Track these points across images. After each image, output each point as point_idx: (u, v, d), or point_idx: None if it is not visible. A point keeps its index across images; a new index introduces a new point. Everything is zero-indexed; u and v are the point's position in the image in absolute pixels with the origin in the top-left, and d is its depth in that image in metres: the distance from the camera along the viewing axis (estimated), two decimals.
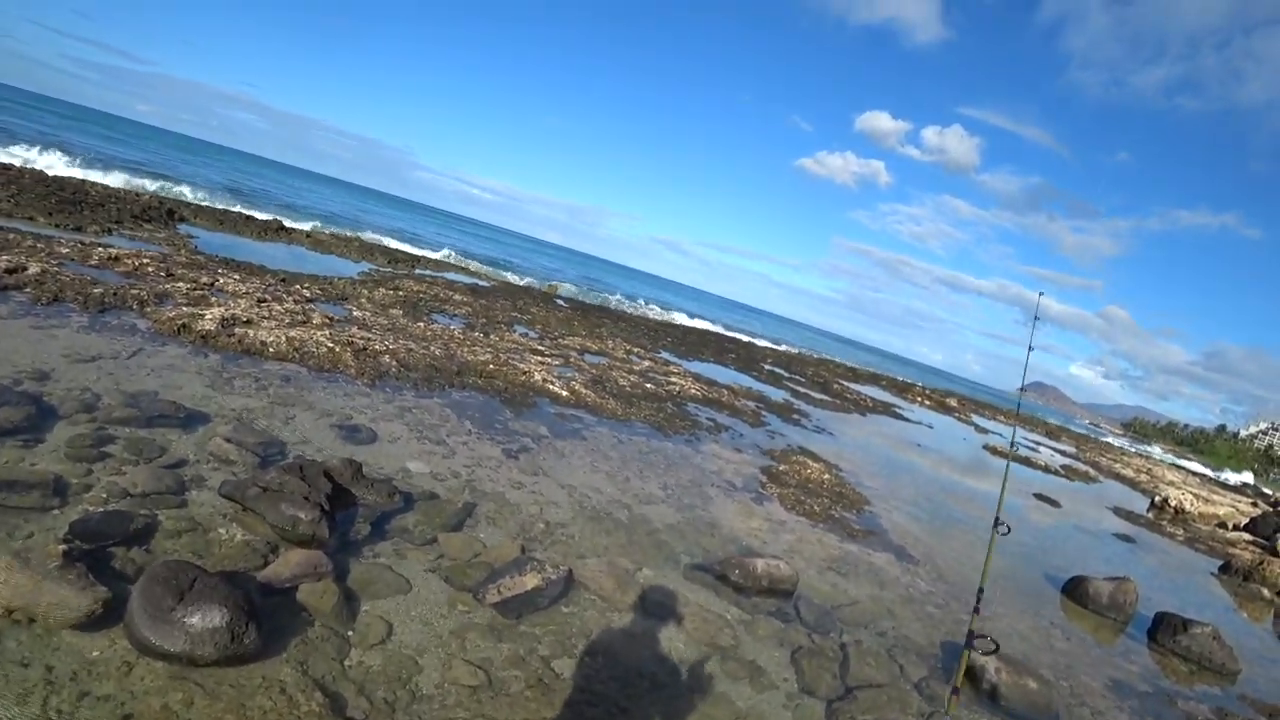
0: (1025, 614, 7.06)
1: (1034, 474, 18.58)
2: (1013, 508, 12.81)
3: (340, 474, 4.83)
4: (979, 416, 32.50)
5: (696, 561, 5.68)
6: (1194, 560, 13.30)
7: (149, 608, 2.99)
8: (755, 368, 22.12)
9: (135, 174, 24.54)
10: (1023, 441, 26.71)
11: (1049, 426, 43.29)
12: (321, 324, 9.15)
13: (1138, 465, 32.53)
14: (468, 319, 13.76)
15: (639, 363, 14.86)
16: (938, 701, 4.69)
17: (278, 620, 3.39)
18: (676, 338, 24.09)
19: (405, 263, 21.57)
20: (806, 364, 31.01)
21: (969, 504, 11.63)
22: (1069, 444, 33.88)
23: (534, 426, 7.92)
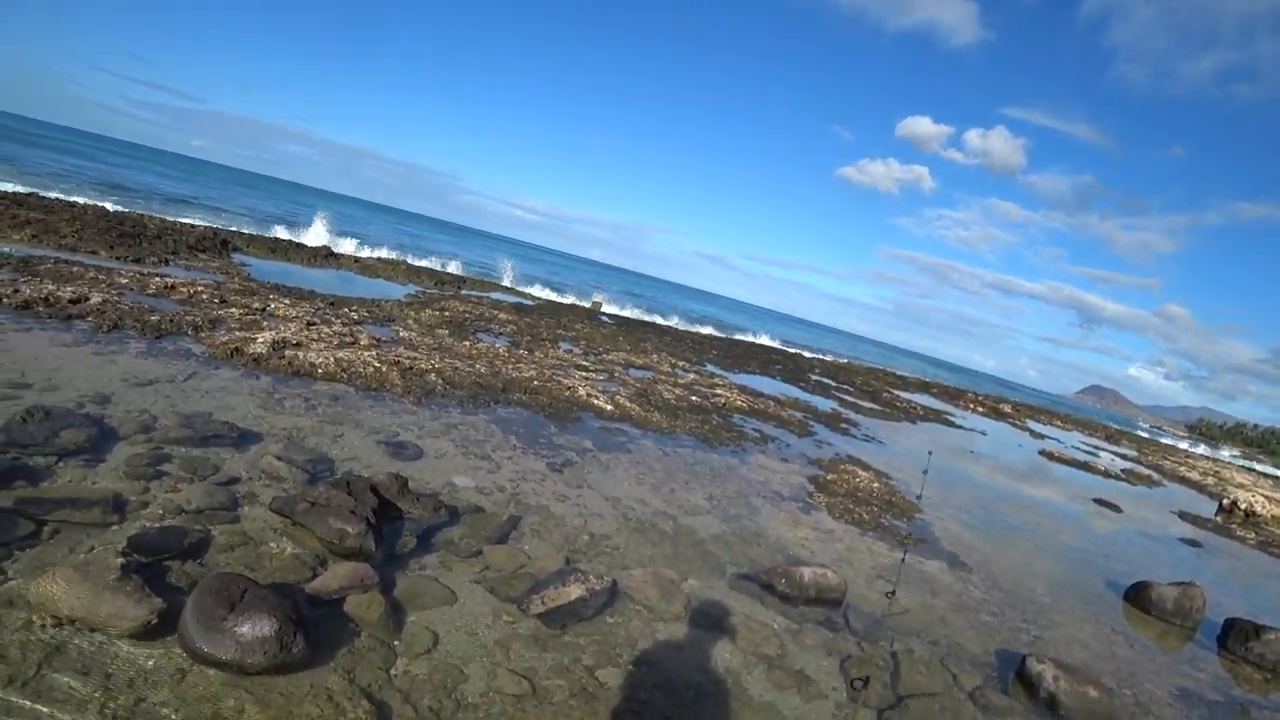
0: (1086, 621, 6.86)
1: (1093, 479, 18.06)
2: (1070, 513, 12.50)
3: (387, 489, 4.91)
4: (1034, 422, 31.75)
5: (742, 571, 5.64)
6: (1268, 564, 12.77)
7: (201, 617, 3.07)
8: (803, 378, 21.93)
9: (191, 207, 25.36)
10: (1081, 446, 26.02)
11: (1109, 430, 42.07)
12: (369, 345, 9.34)
13: (1204, 468, 31.41)
14: (512, 337, 13.91)
15: (684, 376, 14.85)
16: (992, 711, 4.58)
17: (325, 630, 3.45)
18: (722, 350, 24.02)
19: (451, 284, 21.90)
20: (855, 373, 30.66)
21: (1024, 510, 11.35)
22: (1130, 447, 32.89)
23: (578, 440, 7.96)
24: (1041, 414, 39.25)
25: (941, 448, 16.44)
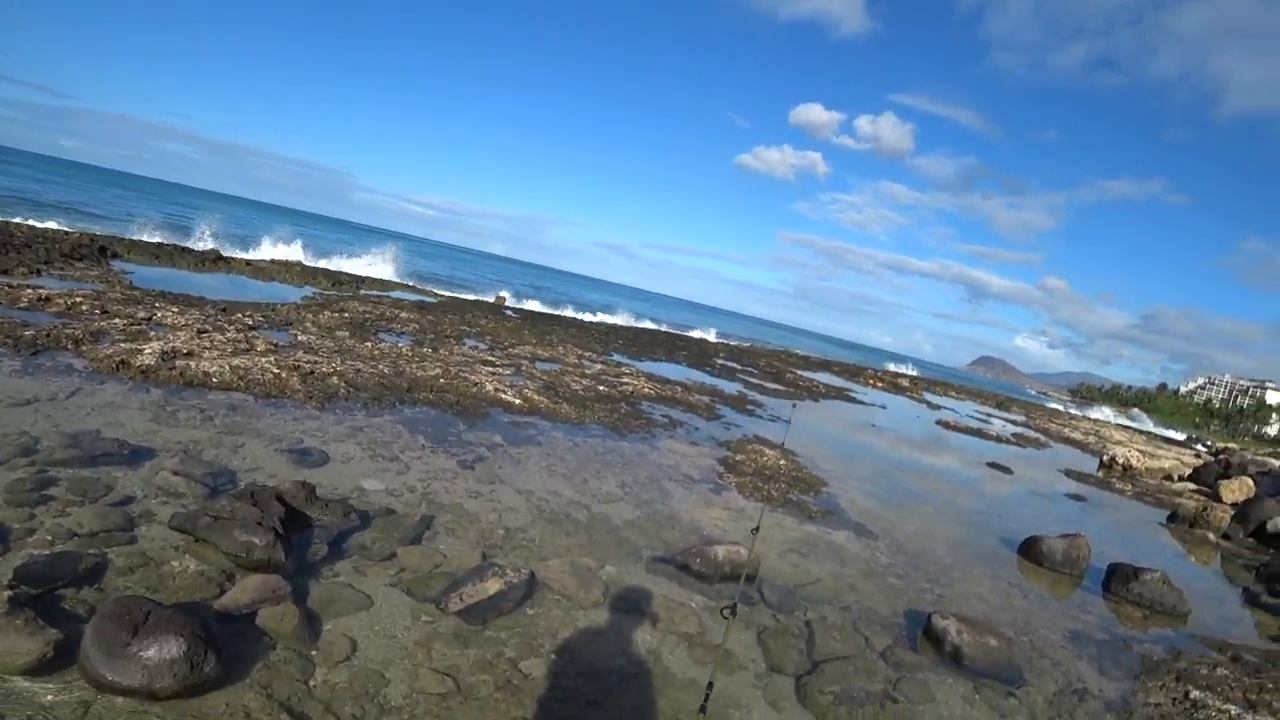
0: (984, 577, 7.26)
1: (986, 444, 19.03)
2: (966, 478, 13.14)
3: (293, 497, 4.79)
4: (930, 394, 33.13)
5: (658, 554, 5.75)
6: (1143, 513, 13.77)
7: (103, 645, 2.96)
8: (708, 363, 22.28)
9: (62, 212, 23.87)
10: (974, 414, 27.31)
11: (999, 398, 44.27)
12: (266, 351, 9.03)
13: (1086, 428, 33.46)
14: (415, 335, 13.66)
15: (591, 366, 14.90)
16: (903, 668, 4.82)
17: (238, 647, 3.36)
18: (628, 339, 24.16)
19: (350, 284, 21.31)
20: (759, 356, 31.33)
21: (924, 478, 11.88)
22: (1019, 413, 34.71)
23: (488, 436, 7.91)
24: (937, 386, 40.99)
25: (845, 422, 17.01)
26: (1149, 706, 5.07)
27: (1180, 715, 4.98)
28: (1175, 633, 6.87)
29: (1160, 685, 5.44)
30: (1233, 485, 16.12)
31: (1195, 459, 25.07)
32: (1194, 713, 5.02)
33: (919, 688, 4.61)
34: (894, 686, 4.56)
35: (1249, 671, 6.04)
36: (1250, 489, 15.98)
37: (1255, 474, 18.95)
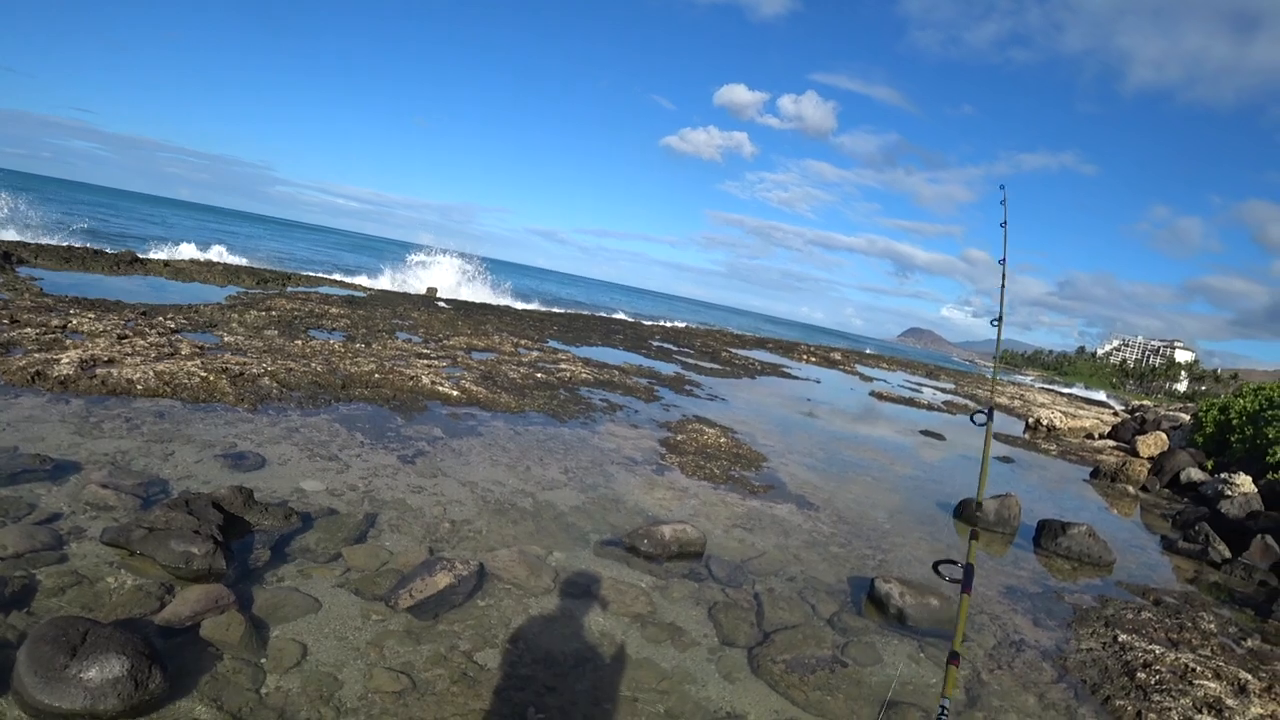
0: (922, 540, 7.51)
1: (919, 413, 19.56)
2: (901, 446, 13.50)
3: (231, 503, 4.68)
4: (862, 365, 33.87)
5: (605, 537, 5.79)
6: (1067, 470, 14.39)
7: (39, 670, 2.86)
8: (644, 346, 22.36)
9: None
10: (906, 384, 28.02)
11: (929, 368, 45.48)
12: (191, 354, 8.75)
13: (1010, 393, 34.61)
14: (347, 331, 13.39)
15: (527, 354, 14.83)
16: (850, 632, 4.97)
17: (184, 660, 3.28)
18: (563, 325, 24.08)
19: (275, 282, 20.73)
20: (694, 336, 31.54)
21: (861, 449, 12.17)
22: (948, 381, 35.72)
23: (427, 430, 7.83)
24: (868, 358, 41.91)
25: (781, 398, 17.28)
26: (1081, 652, 5.34)
27: (1110, 658, 5.26)
28: (1102, 581, 7.24)
29: (1091, 632, 5.73)
30: (1148, 440, 16.98)
31: (1113, 417, 26.23)
32: (1122, 654, 5.31)
33: (866, 650, 4.76)
34: (842, 651, 4.70)
35: (1170, 613, 6.42)
36: (1164, 443, 16.86)
37: (1168, 428, 20.02)
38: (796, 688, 4.15)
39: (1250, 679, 5.15)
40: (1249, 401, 16.45)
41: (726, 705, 3.87)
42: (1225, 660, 5.48)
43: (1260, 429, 14.64)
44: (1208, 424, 17.13)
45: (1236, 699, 4.84)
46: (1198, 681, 4.97)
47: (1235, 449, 15.13)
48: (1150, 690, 4.81)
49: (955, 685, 1.64)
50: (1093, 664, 5.17)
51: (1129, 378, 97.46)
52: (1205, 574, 8.14)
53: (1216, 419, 16.92)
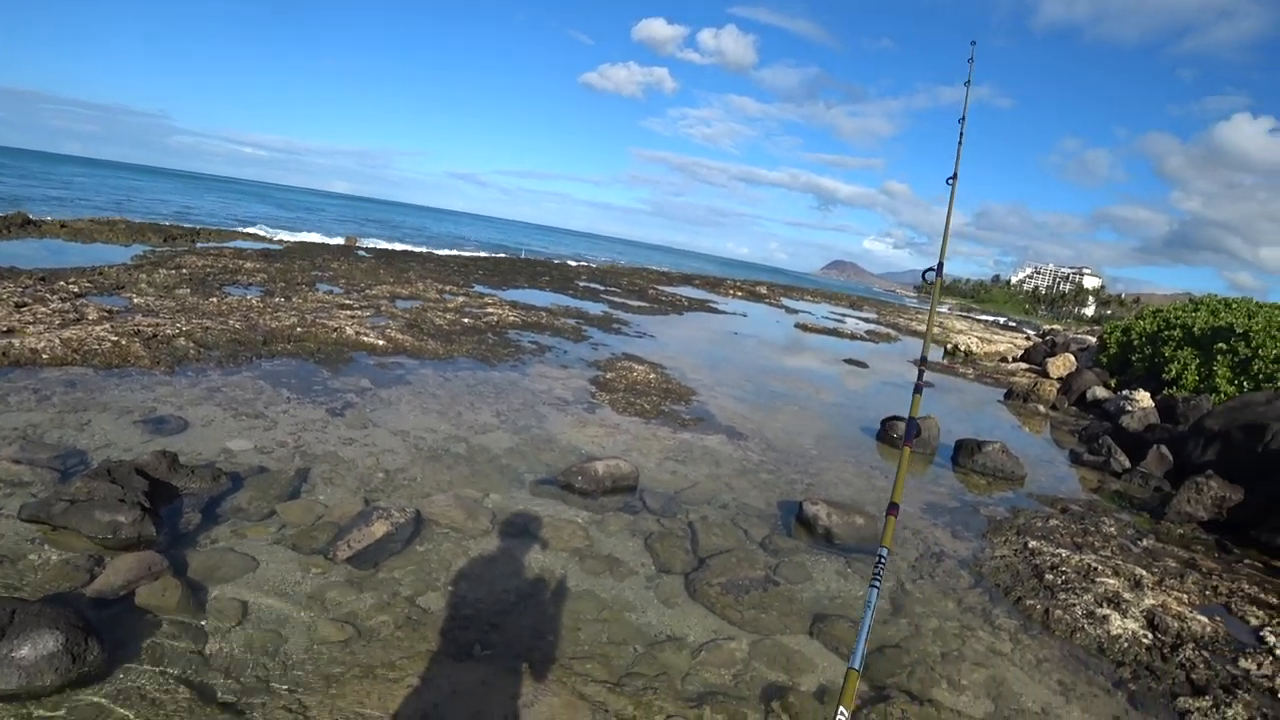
0: (848, 463, 7.82)
1: (842, 343, 20.07)
2: (826, 376, 13.88)
3: (155, 468, 4.59)
4: (788, 299, 34.42)
5: (540, 476, 5.88)
6: (984, 393, 15.05)
7: None
8: (570, 286, 22.28)
9: None
10: (830, 316, 28.63)
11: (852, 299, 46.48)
12: (99, 319, 8.39)
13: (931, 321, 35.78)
14: (265, 286, 13.00)
15: (453, 300, 14.66)
16: (781, 553, 5.19)
17: (121, 630, 3.25)
18: (488, 269, 23.78)
19: (184, 238, 19.85)
20: (620, 275, 31.53)
21: (788, 379, 12.49)
22: (871, 311, 36.61)
23: (355, 381, 7.74)
24: (793, 291, 42.55)
25: (709, 333, 17.51)
26: (996, 559, 5.70)
27: (1022, 563, 5.64)
28: (1015, 494, 7.69)
29: (1004, 540, 6.12)
30: (1057, 362, 17.88)
31: (1026, 341, 27.37)
32: (1032, 559, 5.70)
33: (797, 569, 4.99)
34: (775, 571, 4.92)
35: (1075, 520, 6.90)
36: (1072, 364, 17.77)
37: (1076, 350, 21.08)
38: (732, 608, 4.34)
39: (1145, 574, 5.63)
40: (1148, 323, 17.40)
41: (666, 629, 4.03)
42: (1123, 559, 5.95)
43: (1158, 349, 15.57)
44: (1111, 345, 18.10)
45: (1132, 592, 5.28)
46: (1099, 579, 5.40)
47: (1136, 368, 16.06)
48: (1057, 589, 5.20)
49: (893, 536, 1.77)
50: (1006, 569, 5.54)
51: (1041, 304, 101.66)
52: (1107, 483, 8.73)
53: (1119, 340, 17.89)
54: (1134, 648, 4.54)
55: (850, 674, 1.40)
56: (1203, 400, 11.66)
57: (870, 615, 1.54)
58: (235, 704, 2.95)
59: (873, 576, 1.68)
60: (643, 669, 3.62)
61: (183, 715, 2.83)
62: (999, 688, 3.97)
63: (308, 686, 3.10)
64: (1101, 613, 4.88)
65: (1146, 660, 4.44)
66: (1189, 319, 16.03)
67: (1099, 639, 4.61)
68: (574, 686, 3.37)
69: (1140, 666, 4.38)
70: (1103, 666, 4.36)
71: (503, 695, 3.24)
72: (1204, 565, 6.16)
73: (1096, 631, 4.67)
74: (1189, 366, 13.94)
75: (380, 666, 3.28)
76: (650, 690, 3.45)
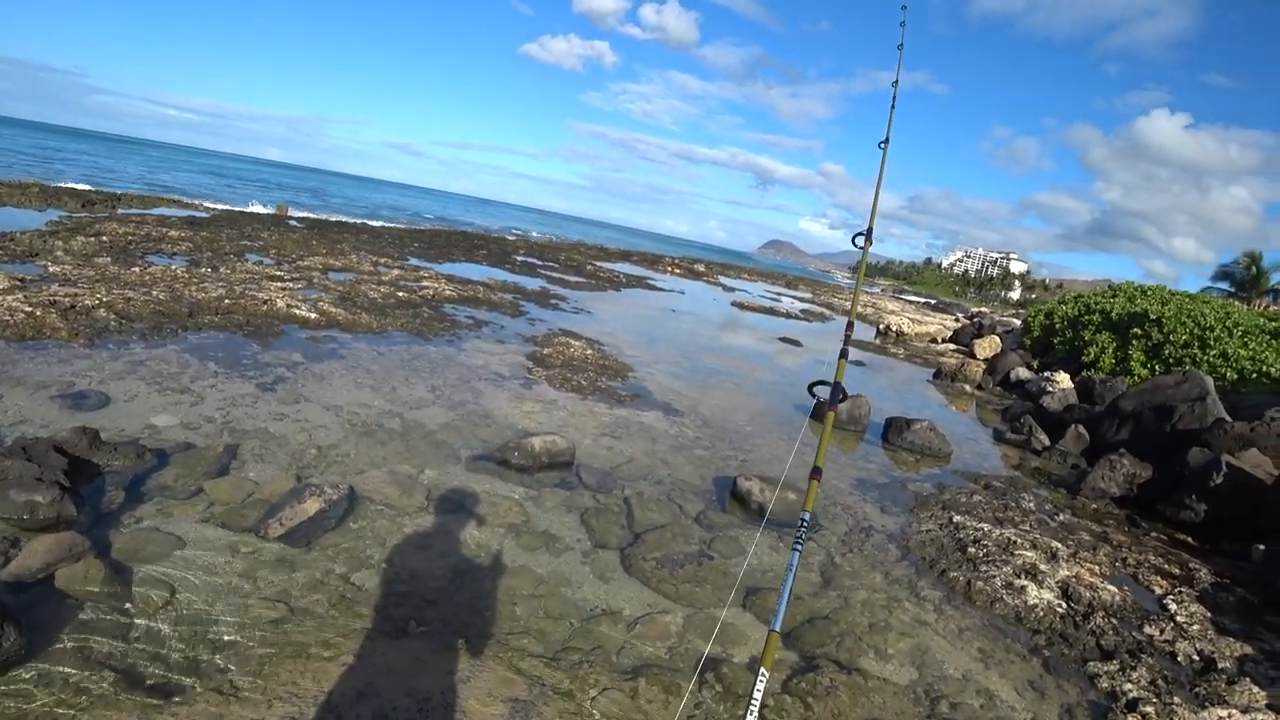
0: (781, 440, 7.98)
1: (778, 321, 20.36)
2: (761, 353, 14.08)
3: (74, 446, 4.44)
4: (725, 277, 34.70)
5: (476, 453, 5.87)
6: (914, 372, 15.48)
7: None
8: (508, 261, 22.08)
9: None
10: (766, 295, 28.97)
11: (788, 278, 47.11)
12: (10, 288, 8.01)
13: (864, 301, 36.43)
14: (190, 255, 12.57)
15: (388, 273, 14.40)
16: (716, 528, 5.30)
17: (40, 614, 3.15)
18: (424, 242, 23.39)
19: (104, 204, 19.01)
20: (559, 250, 31.35)
21: (724, 357, 12.64)
22: (806, 291, 37.17)
23: (286, 355, 7.57)
24: (731, 270, 42.90)
25: (646, 310, 17.57)
26: (922, 533, 5.92)
27: (946, 537, 5.87)
28: (941, 471, 7.96)
29: (930, 515, 6.35)
30: (984, 343, 18.51)
31: (955, 323, 28.17)
32: (956, 533, 5.94)
33: (730, 544, 5.11)
34: (709, 546, 5.02)
35: (997, 495, 7.20)
36: (998, 345, 18.42)
37: (1002, 333, 21.85)
38: (667, 582, 4.43)
39: (1060, 547, 5.93)
40: (1070, 308, 18.12)
41: (602, 603, 4.09)
42: (1041, 533, 6.25)
43: (1078, 332, 16.26)
44: (1035, 328, 18.81)
45: (1049, 564, 5.56)
46: (1018, 552, 5.66)
47: (1058, 350, 16.73)
48: (979, 562, 5.44)
49: (815, 499, 1.83)
50: (931, 543, 5.75)
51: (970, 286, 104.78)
52: (1028, 460, 9.11)
53: (1043, 323, 18.60)
54: (1049, 616, 4.79)
55: (771, 636, 1.45)
56: (1118, 382, 12.21)
57: (791, 578, 1.58)
58: (164, 686, 2.90)
59: (795, 540, 1.74)
60: (579, 643, 3.67)
61: (108, 700, 2.77)
62: (923, 656, 4.14)
63: (240, 667, 3.06)
64: (1020, 584, 5.13)
65: (1060, 628, 4.69)
66: (1108, 304, 16.74)
67: (1017, 609, 4.85)
68: (510, 661, 3.41)
69: (1055, 634, 4.63)
70: (1020, 635, 4.59)
71: (439, 671, 3.26)
72: (1115, 538, 6.50)
73: (1015, 601, 4.91)
74: (1107, 350, 14.57)
75: (314, 645, 3.26)
76: (586, 664, 3.51)
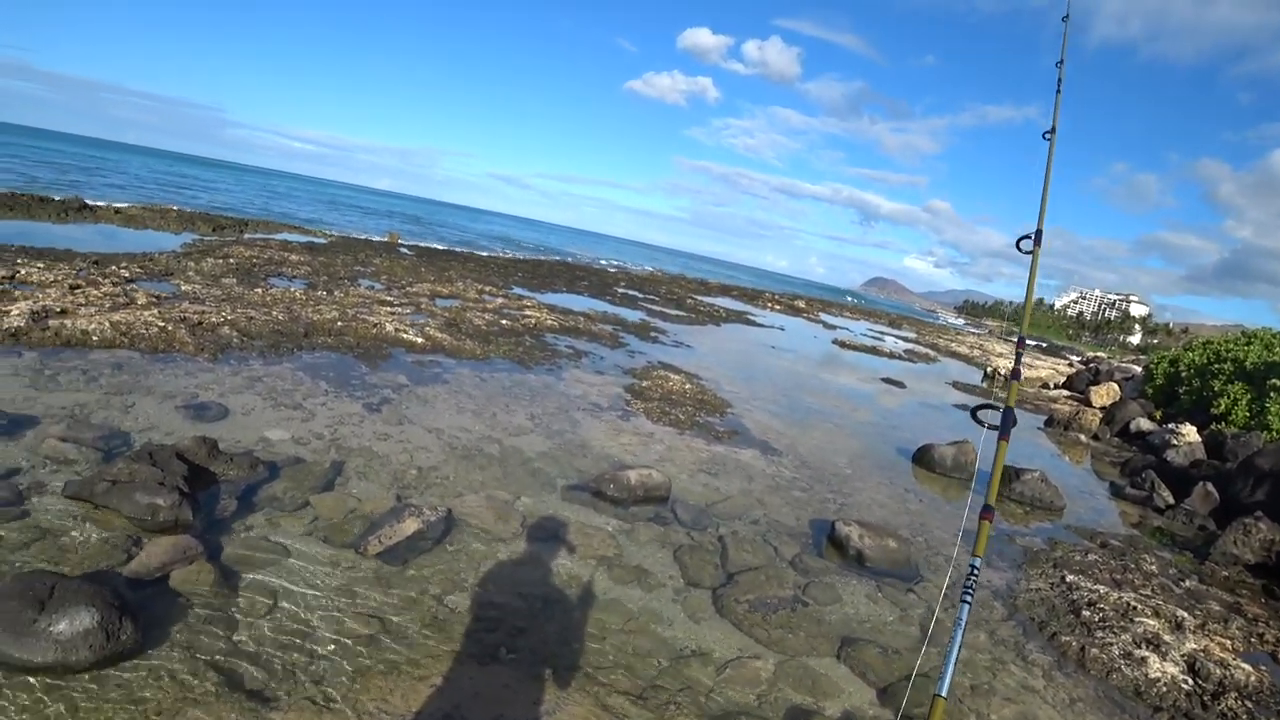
0: (882, 484, 7.70)
1: (880, 361, 19.85)
2: (862, 394, 13.72)
3: (195, 454, 4.66)
4: (826, 314, 34.18)
5: (572, 482, 5.87)
6: (1023, 418, 14.75)
7: (8, 624, 2.85)
8: (609, 293, 22.32)
9: None
10: (869, 333, 28.35)
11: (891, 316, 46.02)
12: (148, 304, 8.58)
13: (971, 342, 35.25)
14: (308, 279, 13.20)
15: (492, 301, 14.75)
16: (811, 572, 5.12)
17: (155, 611, 3.30)
18: (527, 272, 23.92)
19: (232, 229, 20.26)
20: (659, 283, 31.53)
21: (824, 396, 12.37)
22: (910, 330, 36.21)
23: (392, 377, 7.81)
24: (832, 307, 42.25)
25: (746, 345, 17.42)
26: (1031, 591, 5.56)
27: (1058, 597, 5.49)
28: (1053, 525, 7.51)
29: (1040, 572, 5.97)
30: (1101, 390, 17.47)
31: (1069, 368, 26.85)
32: (1069, 593, 5.54)
33: (826, 590, 4.92)
34: (804, 591, 4.85)
35: (1115, 555, 6.71)
36: (1116, 393, 17.36)
37: (1120, 379, 20.59)
38: (759, 626, 4.29)
39: (1187, 617, 5.44)
40: (1197, 355, 16.97)
41: (692, 643, 3.99)
42: (1165, 599, 5.76)
43: (1206, 382, 15.16)
44: (1158, 376, 17.67)
45: (1173, 635, 5.11)
46: (1138, 619, 5.23)
47: (1183, 400, 15.66)
48: (1094, 627, 5.05)
49: (985, 544, 1.66)
50: (1041, 602, 5.40)
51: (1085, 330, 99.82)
52: (1149, 519, 8.50)
53: (1166, 371, 17.46)
54: (1173, 693, 4.40)
55: (937, 702, 1.33)
56: (1253, 437, 11.33)
57: (960, 634, 1.47)
58: (261, 691, 2.97)
59: (963, 591, 1.58)
60: (666, 682, 3.58)
61: (210, 700, 2.86)
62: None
63: (333, 679, 3.11)
64: (1140, 654, 4.74)
65: (1186, 707, 4.30)
66: (1241, 352, 15.61)
67: (1136, 681, 4.47)
68: (597, 696, 3.35)
69: (1179, 713, 4.25)
70: (1139, 710, 4.24)
71: (525, 700, 3.23)
72: (1249, 611, 5.97)
73: (1134, 673, 4.54)
74: (1240, 401, 13.55)
75: (405, 664, 3.29)
76: (673, 705, 3.42)
